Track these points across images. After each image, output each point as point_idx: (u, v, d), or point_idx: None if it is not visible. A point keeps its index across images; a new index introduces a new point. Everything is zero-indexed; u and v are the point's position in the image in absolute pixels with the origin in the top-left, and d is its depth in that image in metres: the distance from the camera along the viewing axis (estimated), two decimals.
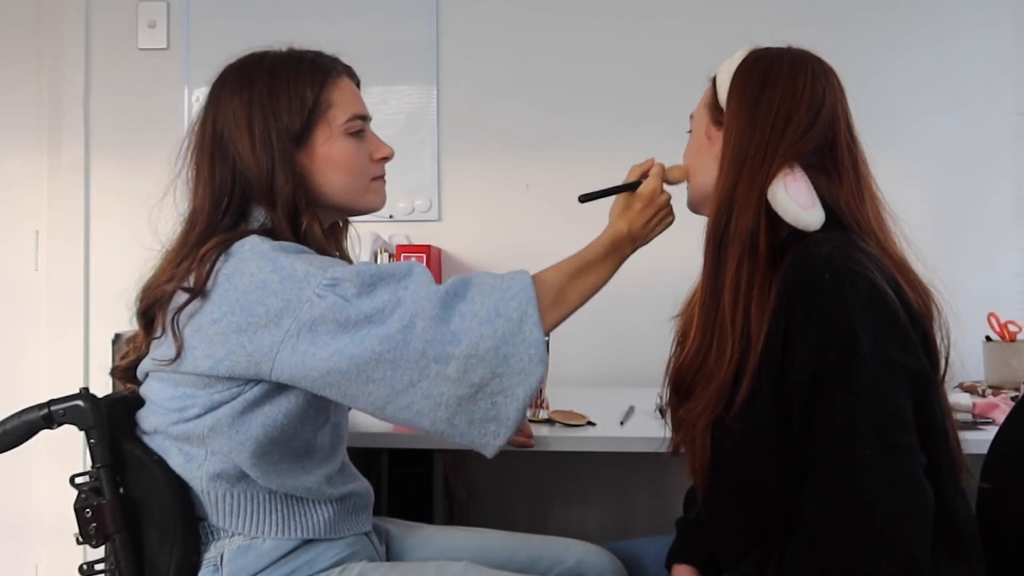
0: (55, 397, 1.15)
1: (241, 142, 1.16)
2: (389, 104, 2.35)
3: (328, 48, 1.26)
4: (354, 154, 1.21)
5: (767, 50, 1.14)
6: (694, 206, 1.20)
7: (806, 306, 0.98)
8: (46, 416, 1.15)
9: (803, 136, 1.07)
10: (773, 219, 1.06)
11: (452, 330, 1.04)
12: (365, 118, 1.24)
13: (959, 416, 1.11)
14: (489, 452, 1.09)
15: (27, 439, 1.17)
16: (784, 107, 1.08)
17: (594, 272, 1.18)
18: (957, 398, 1.66)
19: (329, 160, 1.19)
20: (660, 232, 1.24)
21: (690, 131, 1.21)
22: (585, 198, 1.23)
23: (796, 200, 1.04)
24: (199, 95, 2.44)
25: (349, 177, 1.21)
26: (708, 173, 1.14)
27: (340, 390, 1.06)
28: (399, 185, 2.38)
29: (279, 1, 2.42)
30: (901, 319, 0.98)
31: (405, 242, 2.26)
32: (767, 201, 1.06)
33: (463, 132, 2.37)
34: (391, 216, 2.33)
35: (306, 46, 1.24)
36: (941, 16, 2.29)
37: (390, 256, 2.05)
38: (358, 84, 1.28)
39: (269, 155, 1.15)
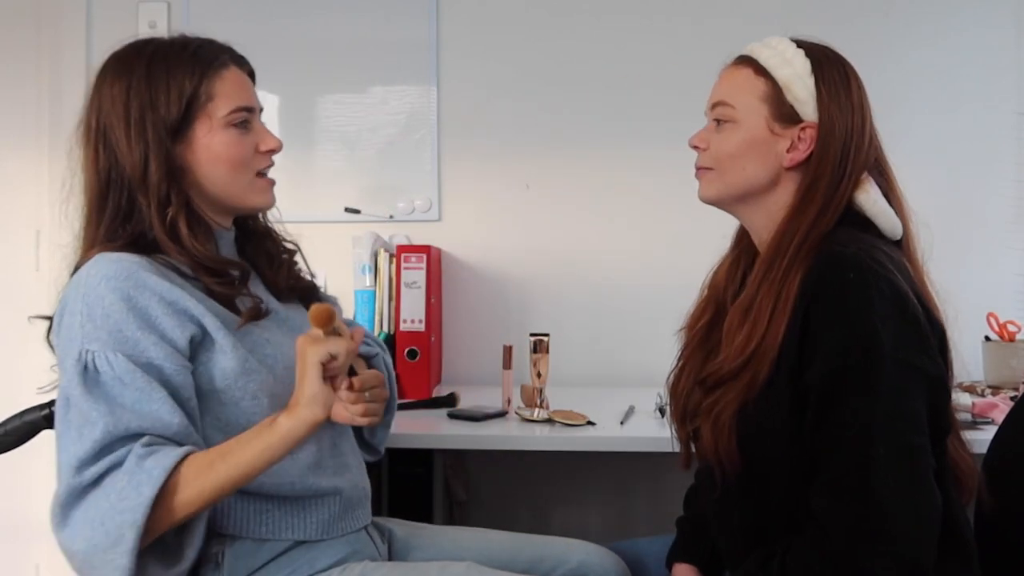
0: (56, 397, 1.15)
1: (119, 131, 1.14)
2: (389, 104, 2.34)
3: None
4: (236, 146, 1.18)
5: (819, 45, 1.11)
6: (723, 199, 1.14)
7: (829, 305, 0.98)
8: (47, 416, 1.15)
9: (873, 137, 1.09)
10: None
11: (70, 525, 1.00)
12: (251, 109, 1.21)
13: (959, 416, 1.11)
14: None
15: (28, 439, 1.17)
16: (859, 108, 1.08)
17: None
18: (957, 398, 1.66)
19: (210, 152, 1.17)
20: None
21: (718, 120, 1.12)
22: None
23: (883, 207, 1.05)
24: None
25: (231, 170, 1.18)
26: (761, 167, 1.10)
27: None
28: (399, 185, 2.41)
29: (279, 1, 2.41)
30: (922, 323, 0.98)
31: (405, 242, 2.25)
32: (848, 204, 1.06)
33: (463, 132, 2.36)
34: (391, 216, 2.33)
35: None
36: (941, 16, 2.29)
37: (391, 256, 2.04)
38: (251, 74, 1.25)
39: (143, 145, 1.13)
